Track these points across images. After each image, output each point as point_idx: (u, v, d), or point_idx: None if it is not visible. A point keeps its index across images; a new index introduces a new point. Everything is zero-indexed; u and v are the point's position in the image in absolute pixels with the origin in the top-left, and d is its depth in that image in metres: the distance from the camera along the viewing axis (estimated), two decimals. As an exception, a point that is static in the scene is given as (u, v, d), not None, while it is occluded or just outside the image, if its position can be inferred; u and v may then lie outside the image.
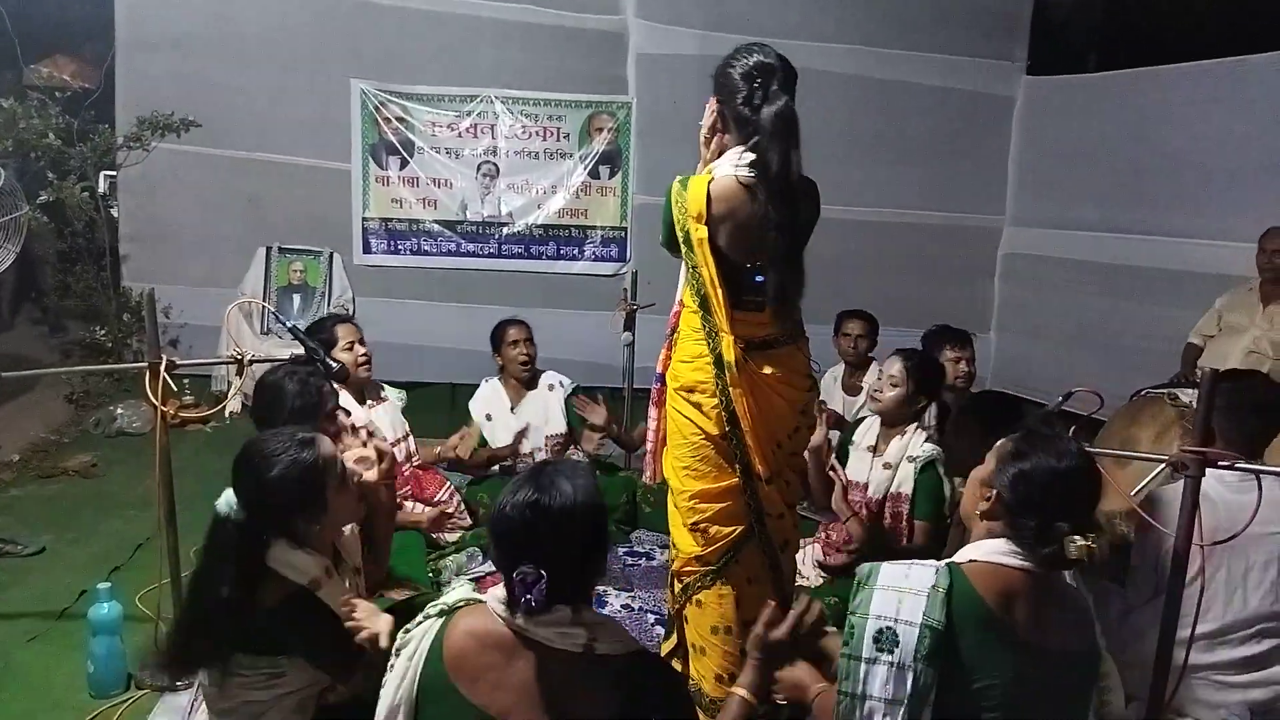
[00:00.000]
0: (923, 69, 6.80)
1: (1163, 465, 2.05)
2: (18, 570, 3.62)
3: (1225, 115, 5.48)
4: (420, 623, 1.69)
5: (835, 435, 4.16)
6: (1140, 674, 2.19)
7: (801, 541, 3.61)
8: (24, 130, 5.69)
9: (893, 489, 3.33)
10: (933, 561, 1.72)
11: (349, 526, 2.33)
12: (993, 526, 1.77)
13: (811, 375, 2.68)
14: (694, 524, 2.57)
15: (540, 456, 4.21)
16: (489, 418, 4.31)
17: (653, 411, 2.75)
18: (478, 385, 4.44)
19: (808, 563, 3.58)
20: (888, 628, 1.63)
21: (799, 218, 2.42)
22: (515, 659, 1.59)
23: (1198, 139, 5.64)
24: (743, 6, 6.58)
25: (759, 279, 2.46)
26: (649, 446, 2.81)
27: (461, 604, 1.69)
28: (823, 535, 3.61)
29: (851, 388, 4.65)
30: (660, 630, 3.31)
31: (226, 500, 2.05)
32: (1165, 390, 3.92)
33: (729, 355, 2.44)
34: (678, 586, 2.64)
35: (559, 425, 4.28)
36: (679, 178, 2.53)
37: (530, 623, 1.58)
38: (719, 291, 2.44)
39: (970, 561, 1.73)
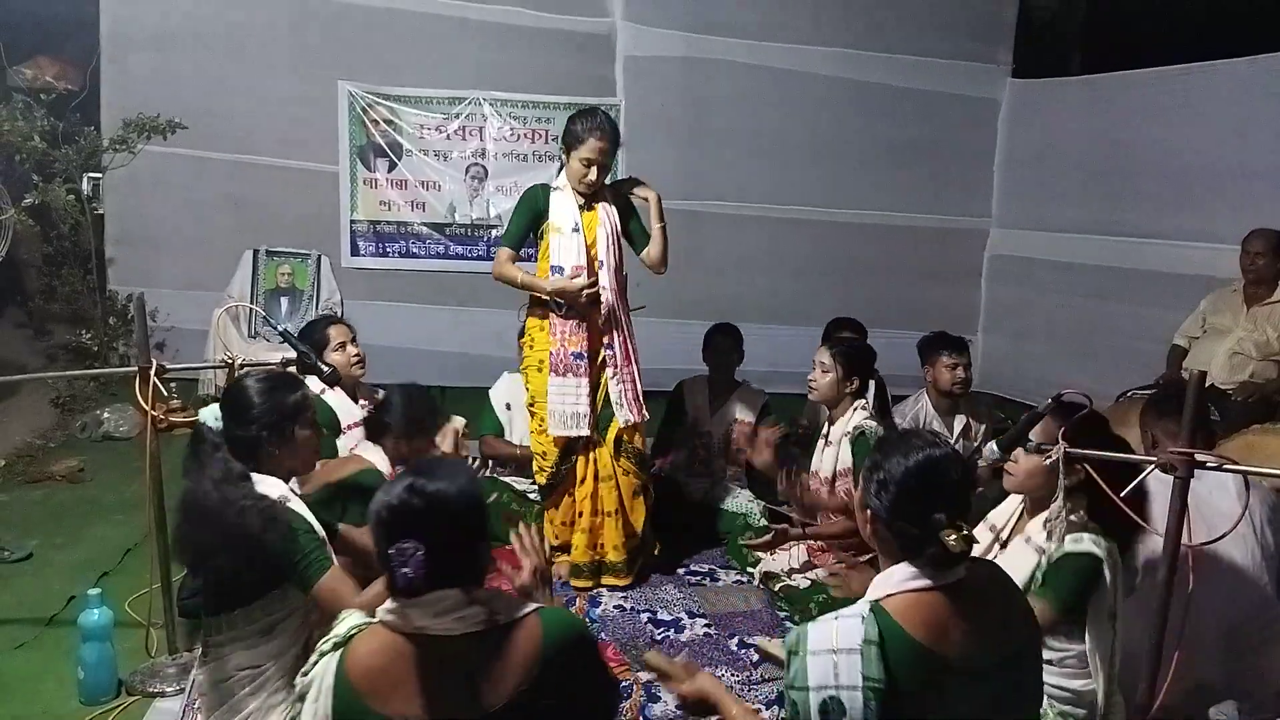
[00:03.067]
0: (908, 72, 6.85)
1: (1152, 466, 2.07)
2: (5, 576, 3.59)
3: (1208, 118, 5.54)
4: (315, 662, 1.67)
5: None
6: (1127, 674, 2.21)
7: (787, 546, 3.72)
8: (9, 133, 5.65)
9: (839, 466, 3.52)
10: (855, 609, 1.64)
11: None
12: (890, 552, 1.70)
13: None
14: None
15: None
16: (508, 407, 4.36)
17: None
18: (466, 388, 4.45)
19: (793, 563, 3.63)
20: (831, 698, 1.56)
21: None
22: (424, 662, 1.58)
23: (1181, 141, 5.70)
24: (729, 9, 6.63)
25: None
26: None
27: (354, 631, 1.67)
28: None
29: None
30: (651, 627, 3.34)
31: (211, 412, 2.28)
32: (1151, 392, 3.97)
33: None
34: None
35: None
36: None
37: (426, 619, 1.58)
38: None
39: (888, 596, 1.65)
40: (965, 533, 1.60)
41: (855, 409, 3.55)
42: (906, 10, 6.76)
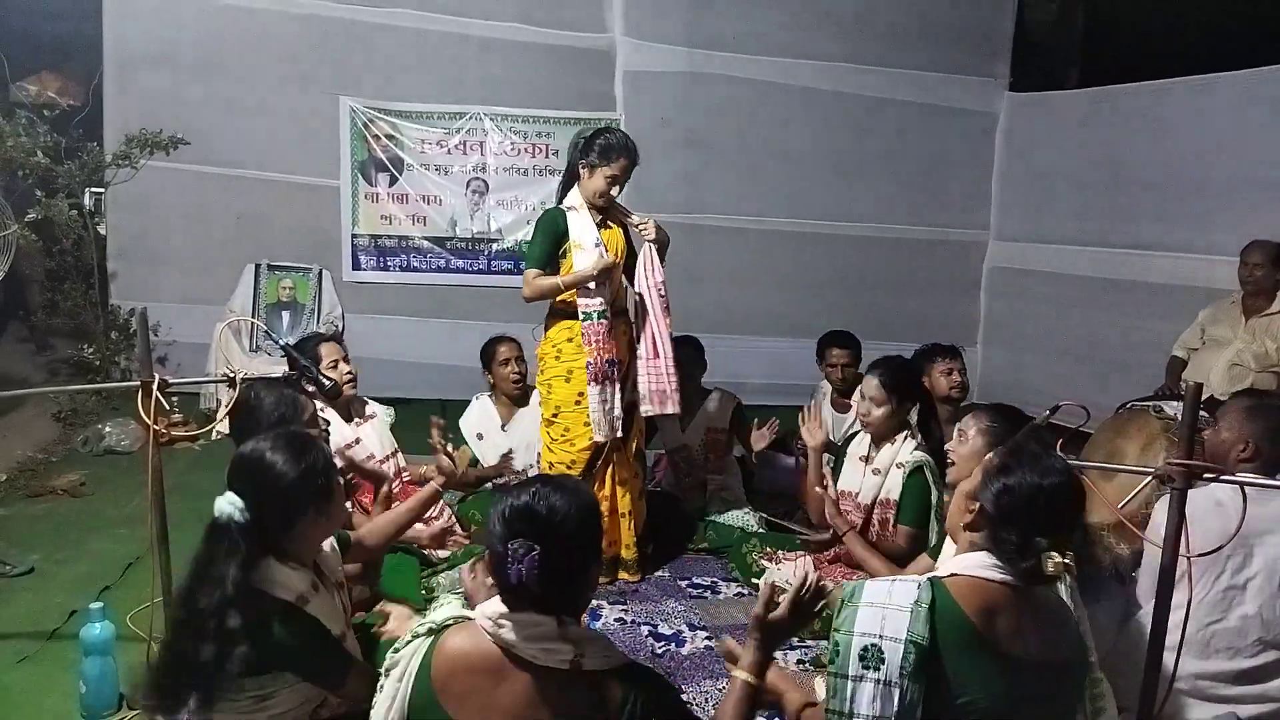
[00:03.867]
0: (906, 86, 6.88)
1: (1149, 478, 2.07)
2: (6, 590, 3.59)
3: (1206, 131, 5.56)
4: (409, 641, 1.69)
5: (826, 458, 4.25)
6: (1131, 685, 2.21)
7: (794, 556, 3.72)
8: (12, 148, 5.68)
9: (881, 495, 3.44)
10: (915, 576, 1.74)
11: (328, 543, 2.34)
12: (975, 540, 1.79)
13: None
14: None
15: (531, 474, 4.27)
16: (480, 437, 4.36)
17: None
18: (468, 401, 4.47)
19: (798, 576, 3.61)
20: (873, 645, 1.64)
21: None
22: (503, 678, 1.58)
23: (1179, 154, 5.72)
24: (727, 25, 6.67)
25: None
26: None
27: (450, 622, 1.68)
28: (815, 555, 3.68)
29: (840, 405, 4.68)
30: (652, 641, 3.34)
31: (230, 502, 2.00)
32: (1150, 403, 3.97)
33: None
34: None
35: None
36: None
37: (517, 639, 1.58)
38: None
39: (952, 575, 1.75)
40: (1065, 561, 1.66)
41: (905, 436, 3.43)
42: (904, 25, 6.80)
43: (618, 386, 3.70)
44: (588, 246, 3.66)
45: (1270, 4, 5.83)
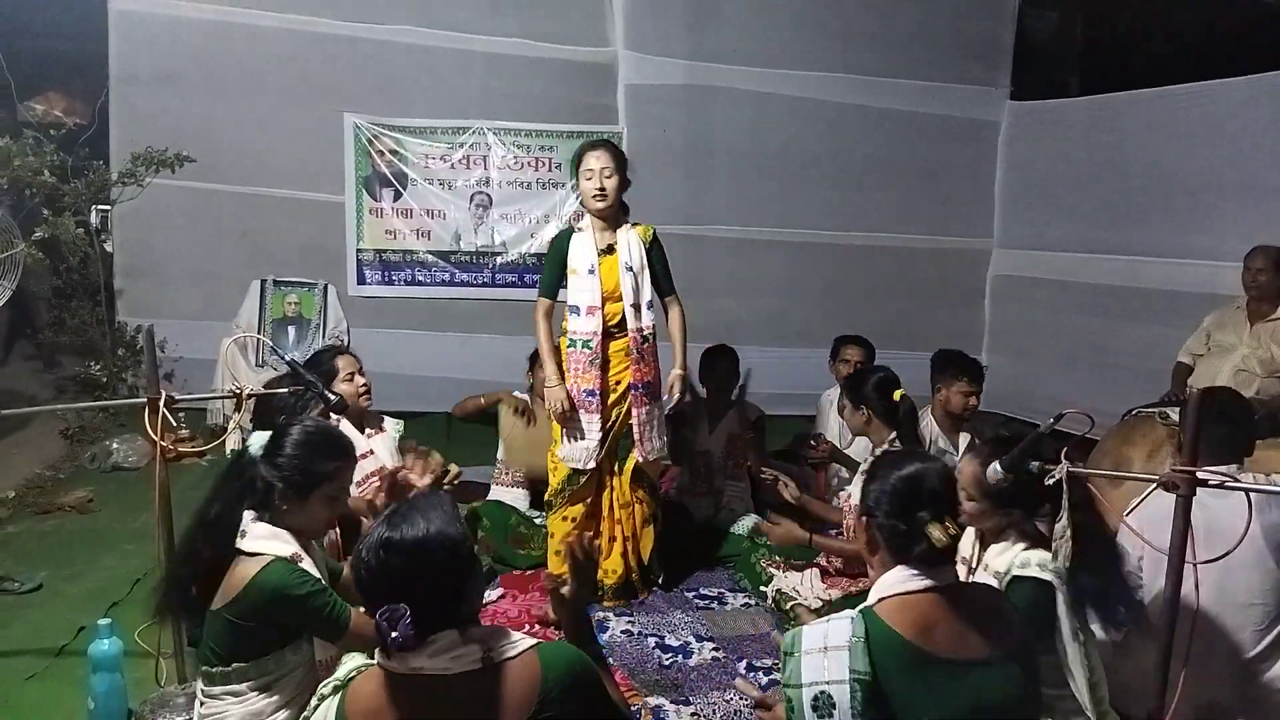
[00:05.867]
0: (908, 96, 6.90)
1: (1154, 485, 2.08)
2: (15, 607, 3.60)
3: (1206, 136, 5.57)
4: (316, 706, 1.68)
5: (835, 468, 4.25)
6: (1139, 694, 2.20)
7: (801, 564, 3.72)
8: (19, 167, 5.71)
9: None
10: (848, 612, 1.76)
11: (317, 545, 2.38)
12: (884, 559, 1.83)
13: None
14: None
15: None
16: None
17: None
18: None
19: (805, 585, 3.62)
20: (822, 692, 1.67)
21: None
22: (421, 703, 1.57)
23: (1181, 160, 5.73)
24: (728, 38, 6.69)
25: None
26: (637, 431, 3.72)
27: (354, 674, 1.67)
28: (822, 561, 3.68)
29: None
30: (659, 652, 3.34)
31: (258, 440, 2.28)
32: (1156, 409, 3.97)
33: None
34: None
35: None
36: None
37: (421, 660, 1.57)
38: None
39: (879, 600, 1.76)
40: (949, 529, 1.73)
41: (894, 437, 3.49)
42: (905, 35, 6.83)
43: (595, 416, 3.64)
44: (581, 272, 3.67)
45: (1270, 10, 5.84)
